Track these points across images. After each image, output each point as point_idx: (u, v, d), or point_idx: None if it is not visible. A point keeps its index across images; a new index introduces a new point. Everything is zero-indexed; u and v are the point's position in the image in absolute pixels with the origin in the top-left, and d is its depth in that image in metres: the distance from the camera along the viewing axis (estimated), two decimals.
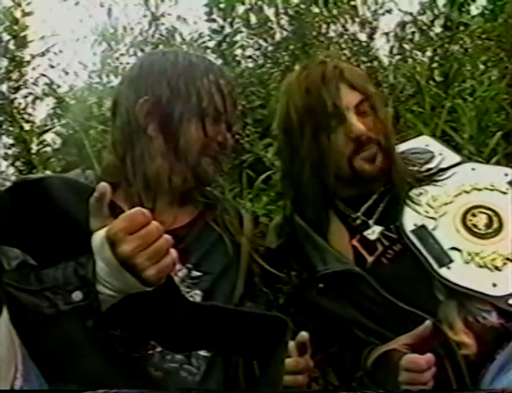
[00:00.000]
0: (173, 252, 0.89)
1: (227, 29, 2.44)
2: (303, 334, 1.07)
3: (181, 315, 0.94)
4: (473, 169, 1.39)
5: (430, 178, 1.36)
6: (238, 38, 2.46)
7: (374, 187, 1.35)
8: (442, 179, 1.36)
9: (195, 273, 1.20)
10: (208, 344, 1.03)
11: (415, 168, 1.39)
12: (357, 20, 2.45)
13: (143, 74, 1.26)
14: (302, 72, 1.39)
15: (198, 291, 1.18)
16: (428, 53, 2.40)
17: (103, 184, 0.89)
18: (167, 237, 0.88)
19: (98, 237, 0.87)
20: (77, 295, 0.87)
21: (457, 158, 1.42)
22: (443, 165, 1.39)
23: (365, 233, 1.31)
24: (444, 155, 1.42)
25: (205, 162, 1.24)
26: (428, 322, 1.13)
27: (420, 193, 1.33)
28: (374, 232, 1.31)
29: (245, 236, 1.31)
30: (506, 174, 1.36)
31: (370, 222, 1.32)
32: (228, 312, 1.00)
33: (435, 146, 1.48)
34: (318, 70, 1.35)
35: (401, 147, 1.45)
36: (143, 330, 0.96)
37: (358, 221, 1.34)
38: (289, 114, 1.36)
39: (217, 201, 1.34)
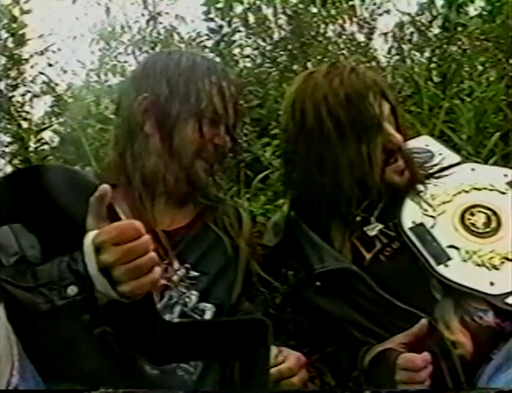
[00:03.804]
0: (157, 272, 0.87)
1: (225, 29, 2.44)
2: None
3: (157, 333, 0.93)
4: (472, 169, 1.40)
5: (429, 176, 1.36)
6: (236, 37, 2.46)
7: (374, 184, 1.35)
8: (442, 178, 1.36)
9: (193, 273, 1.20)
10: (189, 357, 1.03)
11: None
12: (356, 20, 2.46)
13: (145, 72, 1.26)
14: (324, 77, 1.34)
15: (194, 292, 1.18)
16: (427, 54, 2.41)
17: (104, 186, 0.89)
18: (152, 255, 0.86)
19: (88, 237, 0.87)
20: (72, 290, 0.87)
21: (457, 158, 1.43)
22: (443, 165, 1.39)
23: (365, 229, 1.31)
24: (444, 155, 1.42)
25: (199, 165, 1.24)
26: (424, 321, 1.13)
27: (420, 191, 1.34)
28: (374, 228, 1.31)
29: (244, 237, 1.31)
30: (506, 175, 1.36)
31: (372, 218, 1.33)
32: (207, 325, 1.00)
33: (435, 145, 1.48)
34: (355, 79, 1.31)
35: None
36: (125, 337, 0.96)
37: (358, 218, 1.34)
38: (321, 119, 1.30)
39: (219, 202, 1.34)
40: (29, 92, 2.35)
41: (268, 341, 0.96)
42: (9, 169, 2.17)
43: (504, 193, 1.32)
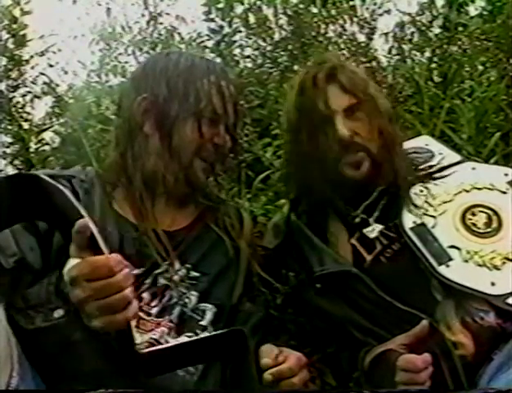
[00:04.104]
0: (131, 310, 0.86)
1: (226, 29, 2.44)
2: None
3: (132, 364, 0.93)
4: (473, 168, 1.39)
5: (430, 176, 1.36)
6: (237, 37, 2.46)
7: (373, 187, 1.35)
8: (442, 177, 1.36)
9: (194, 274, 1.20)
10: (175, 368, 1.04)
11: (415, 166, 1.39)
12: (356, 20, 2.45)
13: (145, 73, 1.27)
14: (301, 73, 1.40)
15: (194, 292, 1.18)
16: (427, 54, 2.40)
17: (83, 221, 0.87)
18: (126, 293, 0.85)
19: (67, 267, 0.86)
20: (58, 313, 0.88)
21: (457, 157, 1.42)
22: (443, 164, 1.39)
23: (364, 231, 1.31)
24: (444, 155, 1.42)
25: (198, 164, 1.24)
26: (424, 322, 1.13)
27: (420, 191, 1.33)
28: (374, 230, 1.31)
29: (245, 238, 1.31)
30: (506, 174, 1.36)
31: (370, 220, 1.32)
32: (186, 346, 0.99)
33: (435, 145, 1.48)
34: (313, 71, 1.35)
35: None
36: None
37: (358, 219, 1.34)
38: (288, 114, 1.38)
39: (220, 203, 1.34)
40: (30, 92, 2.36)
41: (249, 347, 0.98)
42: (10, 169, 2.17)
43: (505, 193, 1.31)
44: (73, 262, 0.86)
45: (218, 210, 1.32)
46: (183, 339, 1.10)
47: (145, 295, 1.14)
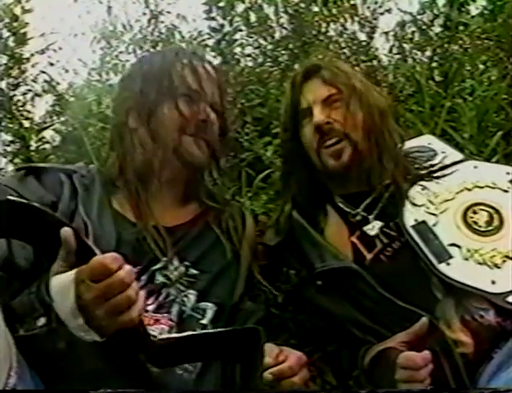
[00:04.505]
0: (136, 308, 0.87)
1: (227, 28, 2.43)
2: None
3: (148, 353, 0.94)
4: (475, 166, 1.39)
5: (432, 174, 1.36)
6: (237, 36, 2.45)
7: (374, 184, 1.35)
8: (444, 176, 1.36)
9: (193, 272, 1.20)
10: (188, 361, 1.05)
11: (417, 165, 1.40)
12: (357, 19, 2.44)
13: (127, 75, 1.35)
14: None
15: (193, 291, 1.18)
16: (428, 53, 2.40)
17: (65, 229, 0.88)
18: (130, 291, 0.86)
19: (60, 279, 0.87)
20: (40, 321, 0.88)
21: (460, 156, 1.43)
22: (445, 163, 1.39)
23: (364, 228, 1.31)
24: (447, 153, 1.42)
25: (187, 141, 1.24)
26: (424, 320, 1.13)
27: (422, 189, 1.33)
28: (374, 227, 1.31)
29: (247, 239, 1.31)
30: (508, 173, 1.36)
31: (370, 217, 1.32)
32: (200, 337, 1.00)
33: (437, 144, 1.48)
34: (300, 70, 1.43)
35: (404, 145, 1.45)
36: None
37: (358, 217, 1.34)
38: (281, 117, 1.48)
39: (226, 205, 1.35)
40: (31, 91, 2.35)
41: (262, 348, 0.97)
42: (10, 168, 2.17)
43: (506, 191, 1.32)
44: (64, 276, 0.86)
45: (223, 212, 1.32)
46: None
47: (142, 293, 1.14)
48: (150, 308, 1.13)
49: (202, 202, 1.32)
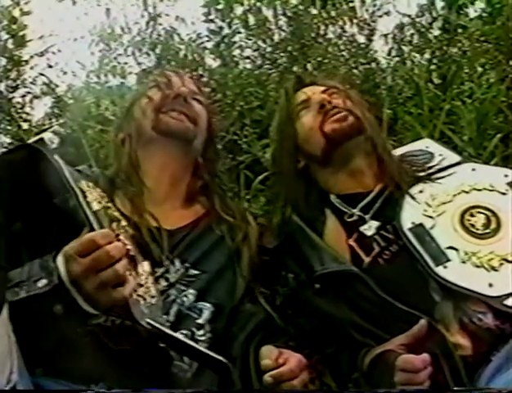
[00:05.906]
0: (128, 287, 0.90)
1: (226, 30, 2.44)
2: None
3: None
4: (473, 169, 1.39)
5: (429, 176, 1.36)
6: (236, 38, 2.46)
7: (371, 185, 1.35)
8: (441, 178, 1.36)
9: (193, 272, 1.20)
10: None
11: (415, 167, 1.40)
12: (356, 21, 2.44)
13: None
14: None
15: (192, 290, 1.18)
16: (427, 55, 2.40)
17: None
18: (119, 266, 0.88)
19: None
20: (42, 282, 0.89)
21: (457, 158, 1.43)
22: (443, 165, 1.39)
23: (361, 229, 1.31)
24: (444, 156, 1.42)
25: (162, 116, 1.29)
26: (423, 322, 1.13)
27: (420, 192, 1.33)
28: (370, 227, 1.31)
29: (248, 241, 1.32)
30: (506, 175, 1.36)
31: (367, 217, 1.32)
32: (180, 343, 1.02)
33: (435, 147, 1.48)
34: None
35: (401, 150, 1.46)
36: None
37: (354, 217, 1.34)
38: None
39: (243, 221, 1.36)
40: (29, 93, 2.35)
41: (234, 381, 1.02)
42: None
43: (504, 194, 1.31)
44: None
45: (238, 226, 1.33)
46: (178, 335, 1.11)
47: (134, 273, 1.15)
48: None
49: (204, 204, 1.33)
